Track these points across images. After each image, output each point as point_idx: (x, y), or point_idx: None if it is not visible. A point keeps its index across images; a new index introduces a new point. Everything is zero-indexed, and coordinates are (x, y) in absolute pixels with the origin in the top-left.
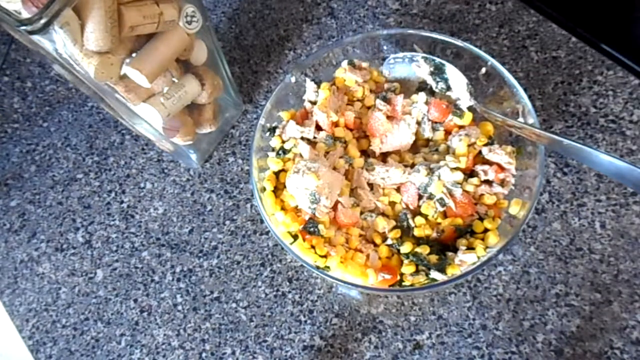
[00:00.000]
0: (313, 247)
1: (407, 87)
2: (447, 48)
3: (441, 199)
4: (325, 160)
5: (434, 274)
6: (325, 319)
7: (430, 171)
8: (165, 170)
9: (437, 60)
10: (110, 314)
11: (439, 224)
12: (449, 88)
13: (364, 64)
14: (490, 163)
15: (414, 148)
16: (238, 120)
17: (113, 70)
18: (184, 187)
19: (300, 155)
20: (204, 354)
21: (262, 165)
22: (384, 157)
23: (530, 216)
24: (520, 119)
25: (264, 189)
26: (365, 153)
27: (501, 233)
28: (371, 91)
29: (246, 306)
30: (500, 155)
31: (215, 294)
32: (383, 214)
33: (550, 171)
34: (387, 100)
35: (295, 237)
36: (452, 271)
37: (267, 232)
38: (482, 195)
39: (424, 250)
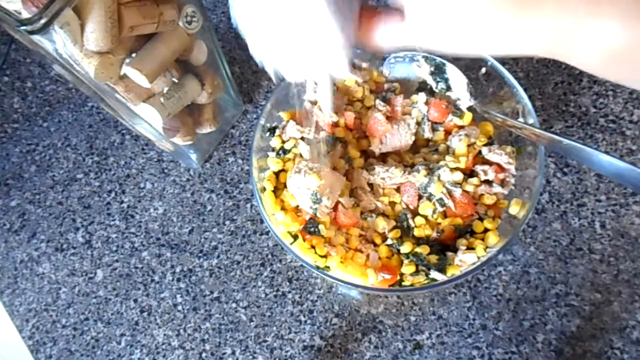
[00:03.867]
0: (313, 247)
1: (407, 87)
2: None
3: (441, 199)
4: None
5: (434, 274)
6: (325, 319)
7: (430, 171)
8: (165, 170)
9: (438, 59)
10: (110, 314)
11: (439, 224)
12: (449, 88)
13: (364, 64)
14: (490, 163)
15: (414, 148)
16: (238, 120)
17: (113, 70)
18: (184, 187)
19: (300, 156)
20: (204, 354)
21: (262, 165)
22: (383, 157)
23: (530, 216)
24: (520, 119)
25: (264, 189)
26: (365, 153)
27: (501, 233)
28: (371, 91)
29: (246, 306)
30: (500, 155)
31: (215, 294)
32: (383, 214)
33: (550, 171)
34: (386, 101)
35: (295, 237)
36: (452, 271)
37: (267, 232)
38: (482, 195)
39: (424, 250)
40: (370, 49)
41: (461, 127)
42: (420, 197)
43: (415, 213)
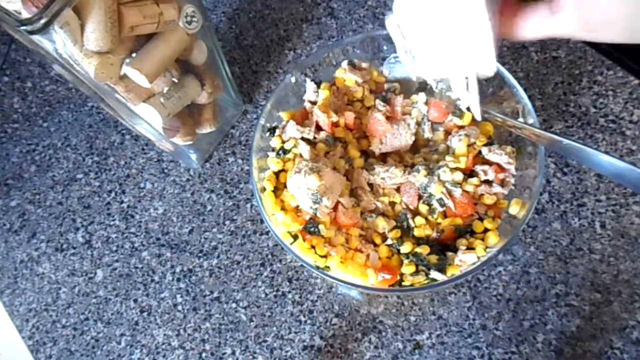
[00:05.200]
0: (313, 247)
1: (407, 87)
2: None
3: (441, 199)
4: (325, 160)
5: (434, 274)
6: (325, 319)
7: (430, 171)
8: (165, 170)
9: None
10: (110, 314)
11: (439, 224)
12: (449, 88)
13: (364, 64)
14: (490, 163)
15: (414, 148)
16: (238, 120)
17: (113, 70)
18: (184, 187)
19: (300, 156)
20: (204, 354)
21: (262, 165)
22: (383, 157)
23: (530, 216)
24: (520, 119)
25: (264, 189)
26: (365, 153)
27: (501, 233)
28: (371, 91)
29: (246, 306)
30: (500, 155)
31: (215, 294)
32: (383, 214)
33: (550, 171)
34: (386, 101)
35: (295, 237)
36: (452, 271)
37: (267, 232)
38: (482, 195)
39: (424, 250)
40: (511, 40)
41: (461, 127)
42: (420, 197)
43: (415, 213)
